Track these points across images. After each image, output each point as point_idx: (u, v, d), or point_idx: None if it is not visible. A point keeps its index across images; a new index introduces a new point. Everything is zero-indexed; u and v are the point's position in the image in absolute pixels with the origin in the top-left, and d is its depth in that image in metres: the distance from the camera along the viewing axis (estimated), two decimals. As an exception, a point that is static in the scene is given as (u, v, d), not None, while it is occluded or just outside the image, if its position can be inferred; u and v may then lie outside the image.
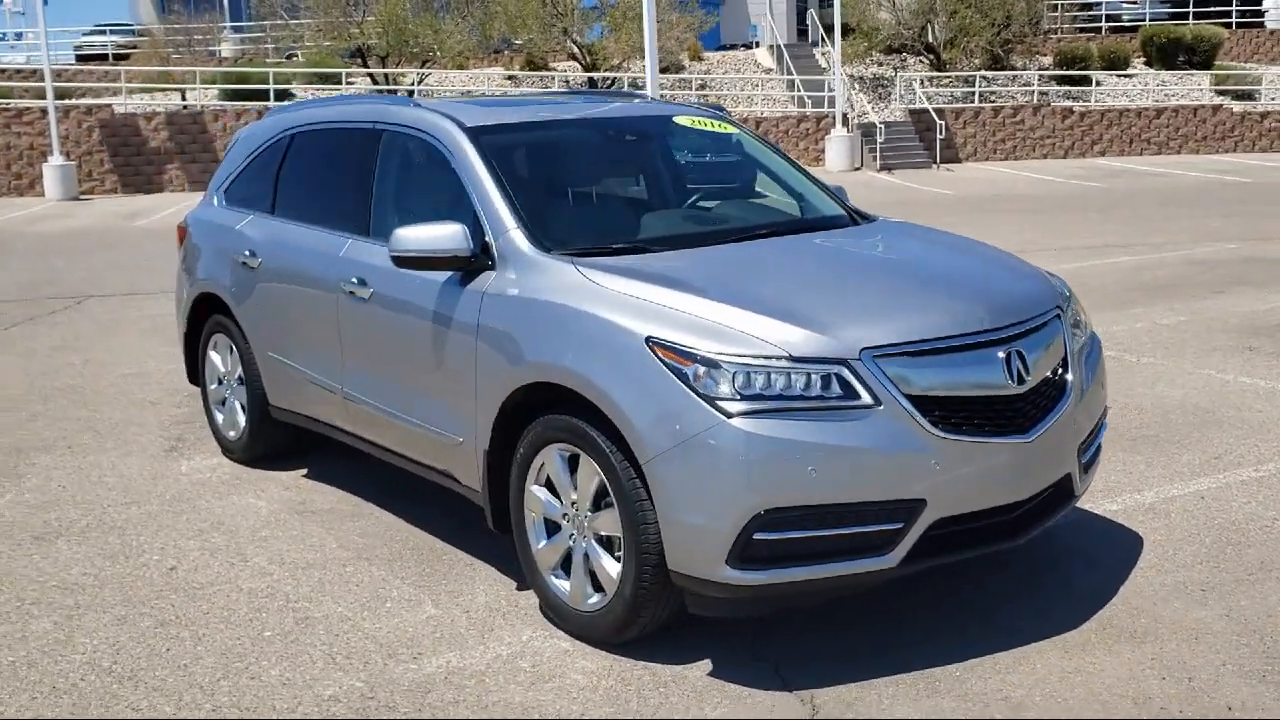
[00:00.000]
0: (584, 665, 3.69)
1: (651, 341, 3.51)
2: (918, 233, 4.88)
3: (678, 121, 5.18)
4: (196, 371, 6.22)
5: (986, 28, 29.64)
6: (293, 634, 3.97)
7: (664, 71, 23.34)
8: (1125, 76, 31.09)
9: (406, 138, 4.76)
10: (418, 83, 29.25)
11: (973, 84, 29.54)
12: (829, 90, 27.07)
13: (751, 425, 3.35)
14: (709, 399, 3.39)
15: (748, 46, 34.69)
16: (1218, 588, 4.13)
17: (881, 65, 31.25)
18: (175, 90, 28.20)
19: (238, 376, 5.78)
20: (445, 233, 4.06)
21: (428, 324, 4.30)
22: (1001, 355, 3.64)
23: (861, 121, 27.30)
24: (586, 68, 29.96)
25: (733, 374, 3.40)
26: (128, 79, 27.96)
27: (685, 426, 3.39)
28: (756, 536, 3.36)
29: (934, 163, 26.67)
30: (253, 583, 4.41)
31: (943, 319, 3.64)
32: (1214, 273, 10.95)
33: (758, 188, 5.12)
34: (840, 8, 26.22)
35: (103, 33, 38.69)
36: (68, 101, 25.40)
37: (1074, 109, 28.54)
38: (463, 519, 4.83)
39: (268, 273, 5.37)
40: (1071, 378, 3.92)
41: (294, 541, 4.82)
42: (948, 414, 3.51)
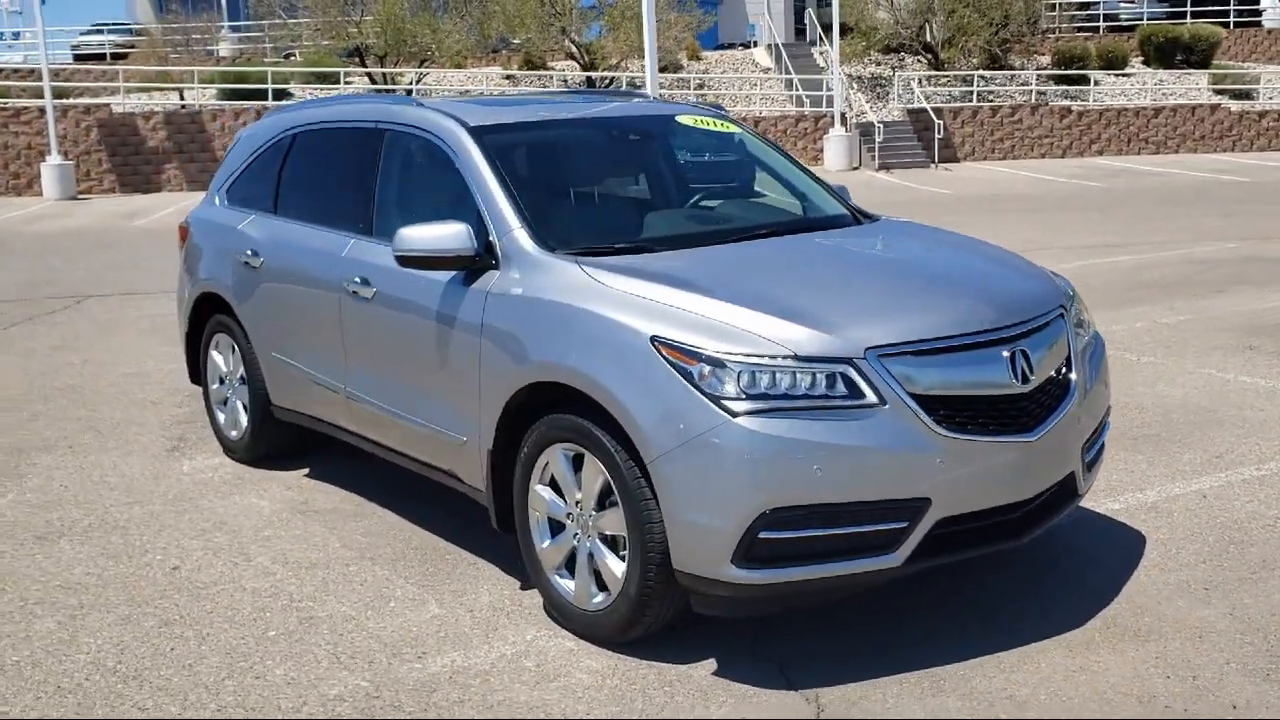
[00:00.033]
0: (589, 664, 3.69)
1: (657, 341, 3.51)
2: (921, 232, 4.88)
3: (680, 121, 5.18)
4: (198, 371, 6.21)
5: (984, 27, 29.67)
6: (297, 634, 3.97)
7: (662, 71, 23.31)
8: (1123, 76, 31.13)
9: (410, 137, 4.76)
10: (415, 82, 29.24)
11: (971, 83, 29.56)
12: (827, 90, 27.09)
13: (757, 424, 3.35)
14: (714, 398, 3.39)
15: (745, 46, 34.72)
16: (1221, 586, 4.13)
17: (879, 65, 31.27)
18: (173, 90, 28.19)
19: (240, 376, 5.78)
20: (449, 232, 4.06)
21: (431, 323, 4.30)
22: (1006, 354, 3.64)
23: (860, 121, 27.32)
24: (585, 67, 29.97)
25: (738, 373, 3.40)
26: (126, 78, 27.94)
27: (691, 426, 3.39)
28: (762, 535, 3.36)
29: (932, 162, 26.69)
30: (256, 582, 4.41)
31: (947, 318, 3.64)
32: (1214, 272, 10.96)
33: (760, 187, 5.12)
34: (838, 7, 26.22)
35: (100, 32, 38.67)
36: (66, 101, 25.38)
37: (1072, 108, 28.56)
38: (466, 518, 4.83)
39: (270, 272, 5.36)
40: (1075, 377, 3.93)
41: (297, 541, 4.82)
42: (952, 413, 3.51)
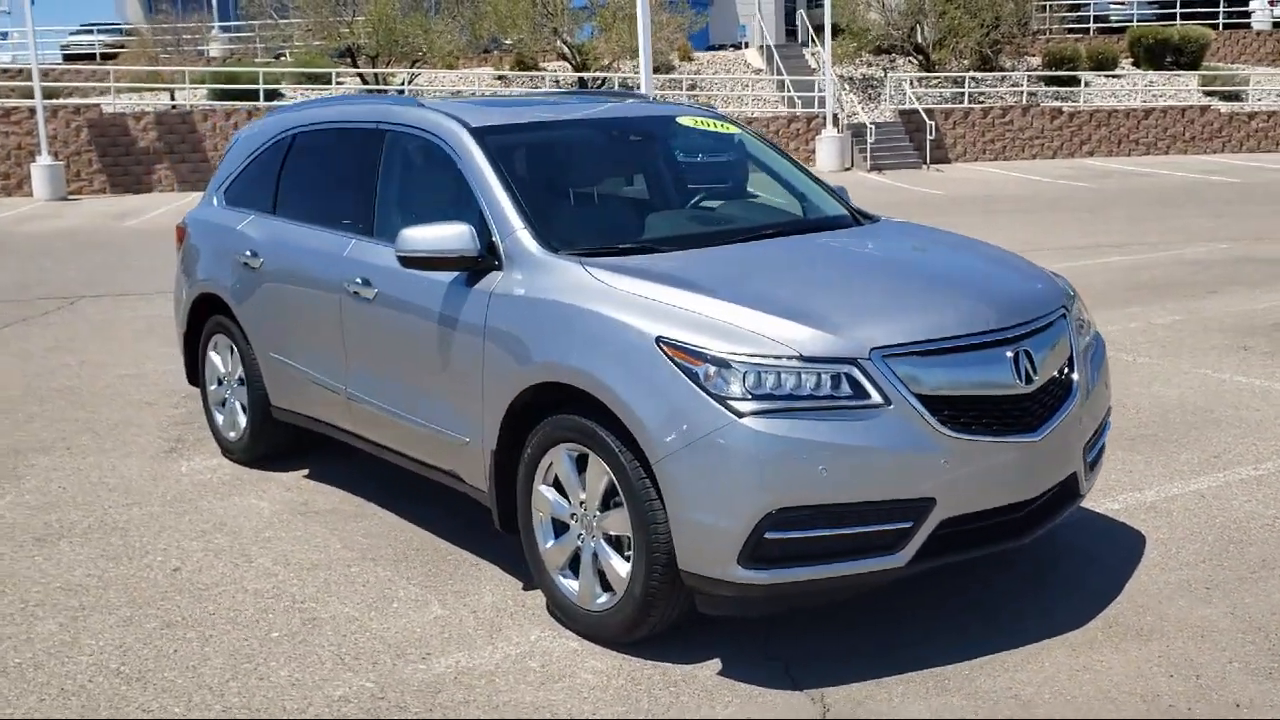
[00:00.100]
0: (593, 665, 3.70)
1: (662, 341, 3.51)
2: (922, 233, 4.90)
3: (681, 122, 5.19)
4: (196, 372, 6.19)
5: (975, 28, 29.73)
6: (300, 635, 3.97)
7: (654, 72, 23.32)
8: (1113, 77, 31.22)
9: (411, 138, 4.75)
10: (407, 83, 29.20)
11: (962, 84, 29.62)
12: (819, 90, 27.13)
13: (762, 425, 3.36)
14: (720, 399, 3.39)
15: (736, 47, 34.72)
16: (1221, 586, 4.15)
17: (871, 66, 31.31)
18: (164, 90, 28.10)
19: (238, 377, 5.77)
20: (452, 233, 4.06)
21: (433, 324, 4.29)
22: (1009, 355, 3.65)
23: (851, 122, 27.35)
24: (576, 68, 29.95)
25: (743, 374, 3.40)
26: (116, 79, 27.85)
27: (696, 426, 3.40)
28: (768, 536, 3.37)
29: (924, 163, 26.74)
30: (258, 583, 4.41)
31: (951, 319, 3.65)
32: (1207, 272, 11.01)
33: (760, 188, 5.12)
34: (830, 8, 26.27)
35: (90, 32, 38.48)
36: (56, 101, 25.28)
37: (1063, 109, 28.65)
38: (466, 519, 4.83)
39: (270, 273, 5.35)
40: (1077, 377, 3.94)
41: (298, 542, 4.81)
42: (956, 413, 3.52)
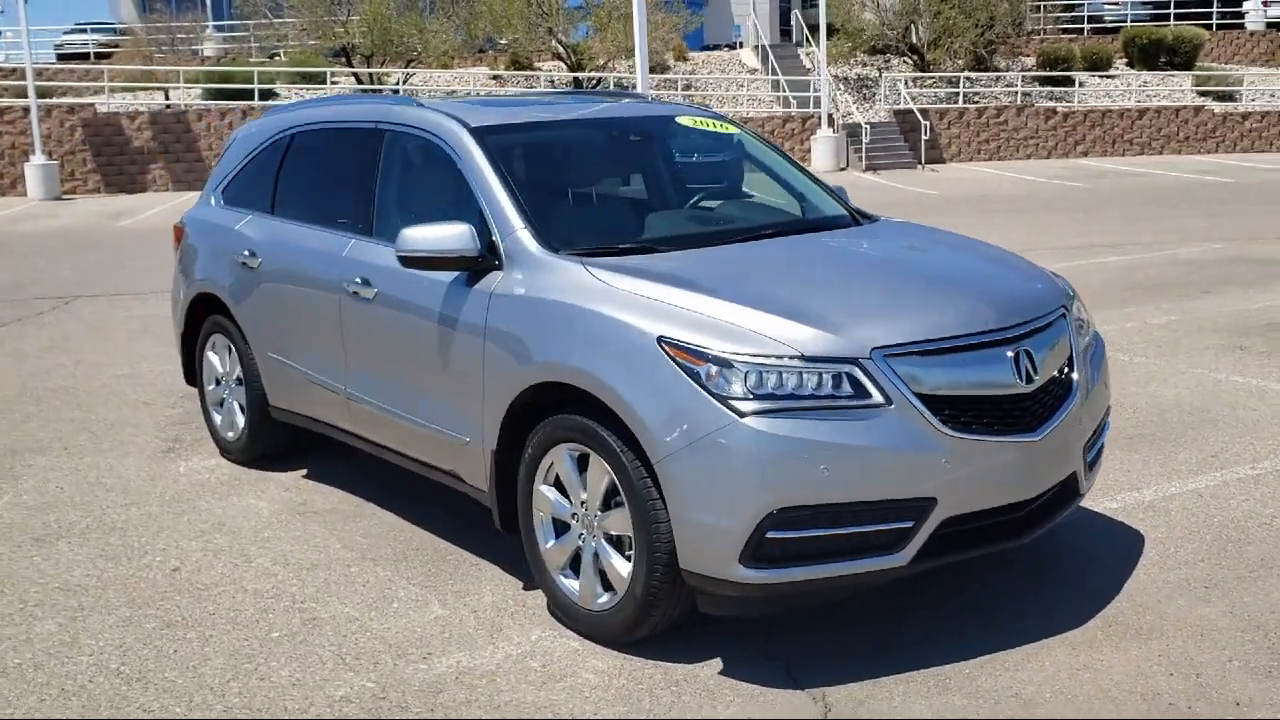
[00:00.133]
0: (595, 664, 3.70)
1: (664, 341, 3.52)
2: (921, 232, 4.90)
3: (680, 122, 5.19)
4: (193, 372, 6.18)
5: (970, 28, 29.76)
6: (300, 635, 3.96)
7: (650, 72, 23.33)
8: (1107, 77, 31.28)
9: (410, 138, 4.75)
10: (402, 82, 29.18)
11: (957, 84, 29.66)
12: (814, 90, 27.15)
13: (764, 424, 3.36)
14: (722, 398, 3.40)
15: (731, 47, 34.74)
16: (1220, 584, 4.16)
17: (866, 66, 31.34)
18: (158, 89, 28.05)
19: (236, 377, 5.76)
20: (452, 233, 4.06)
21: (434, 324, 4.29)
22: (1010, 354, 3.66)
23: (846, 122, 27.38)
24: (572, 67, 29.95)
25: (745, 373, 3.41)
26: (110, 78, 27.79)
27: (698, 426, 3.40)
28: (769, 535, 3.37)
29: (919, 163, 26.77)
30: (257, 584, 4.40)
31: (951, 319, 3.66)
32: (1202, 272, 11.03)
33: (760, 188, 5.13)
34: (825, 8, 26.28)
35: (84, 31, 38.42)
36: (50, 100, 25.22)
37: (1057, 109, 28.69)
38: (466, 519, 4.83)
39: (268, 273, 5.34)
40: (1077, 377, 3.95)
41: (297, 542, 4.81)
42: (957, 413, 3.53)
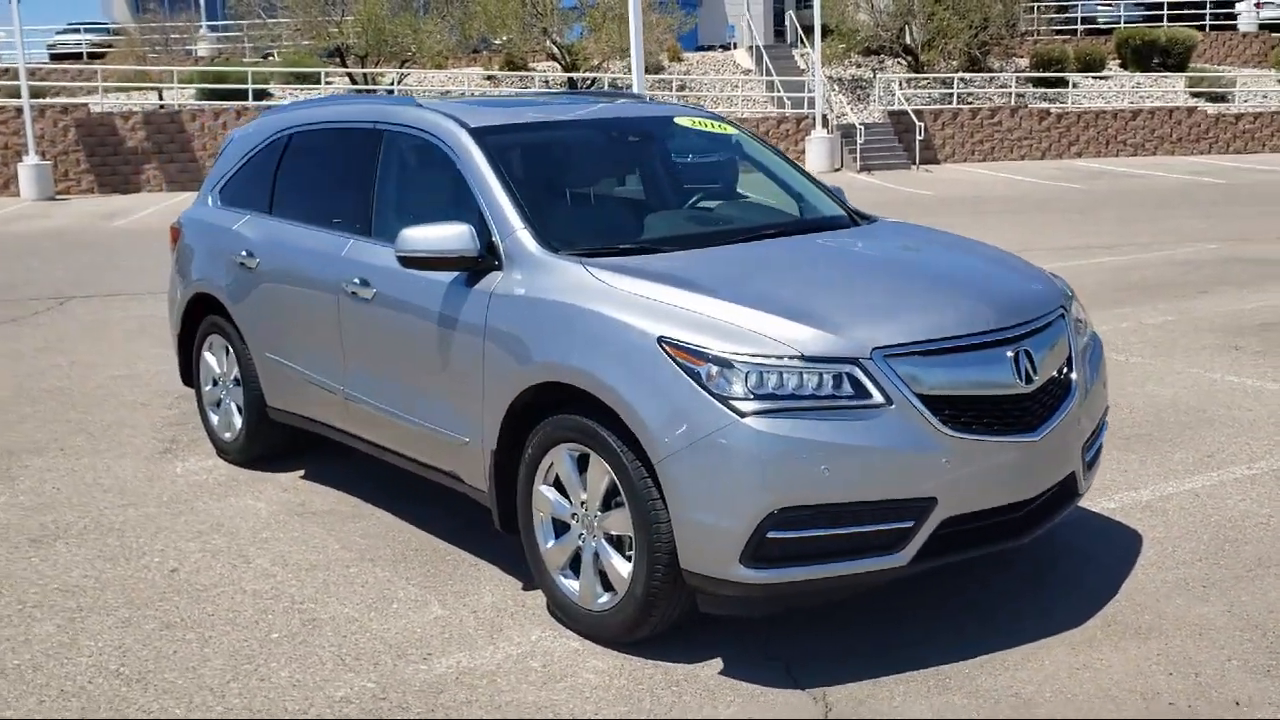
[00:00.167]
0: (595, 664, 3.70)
1: (664, 341, 3.52)
2: (919, 233, 4.91)
3: (679, 122, 5.19)
4: (190, 373, 6.17)
5: (964, 29, 29.82)
6: (300, 635, 3.96)
7: (645, 72, 23.34)
8: (1101, 78, 31.35)
9: (409, 138, 4.75)
10: (396, 82, 29.15)
11: (951, 85, 29.71)
12: (808, 91, 27.16)
13: (765, 425, 3.36)
14: (722, 398, 3.40)
15: (725, 48, 34.77)
16: (1218, 584, 4.17)
17: (860, 67, 31.39)
18: (152, 90, 28.00)
19: (234, 377, 5.75)
20: (452, 233, 4.06)
21: (433, 324, 4.29)
22: (1010, 355, 3.67)
23: (841, 123, 27.40)
24: (566, 68, 29.96)
25: (746, 373, 3.41)
26: (104, 78, 27.74)
27: (699, 426, 3.40)
28: (770, 535, 3.37)
29: (913, 164, 26.81)
30: (256, 584, 4.39)
31: (951, 319, 3.67)
32: (1197, 273, 11.06)
33: (758, 188, 5.13)
34: (819, 9, 26.30)
35: (77, 31, 38.34)
36: (43, 100, 25.17)
37: (1051, 110, 28.75)
38: (464, 519, 4.82)
39: (266, 273, 5.33)
40: (1076, 377, 3.96)
41: (295, 543, 4.80)
42: (958, 413, 3.53)
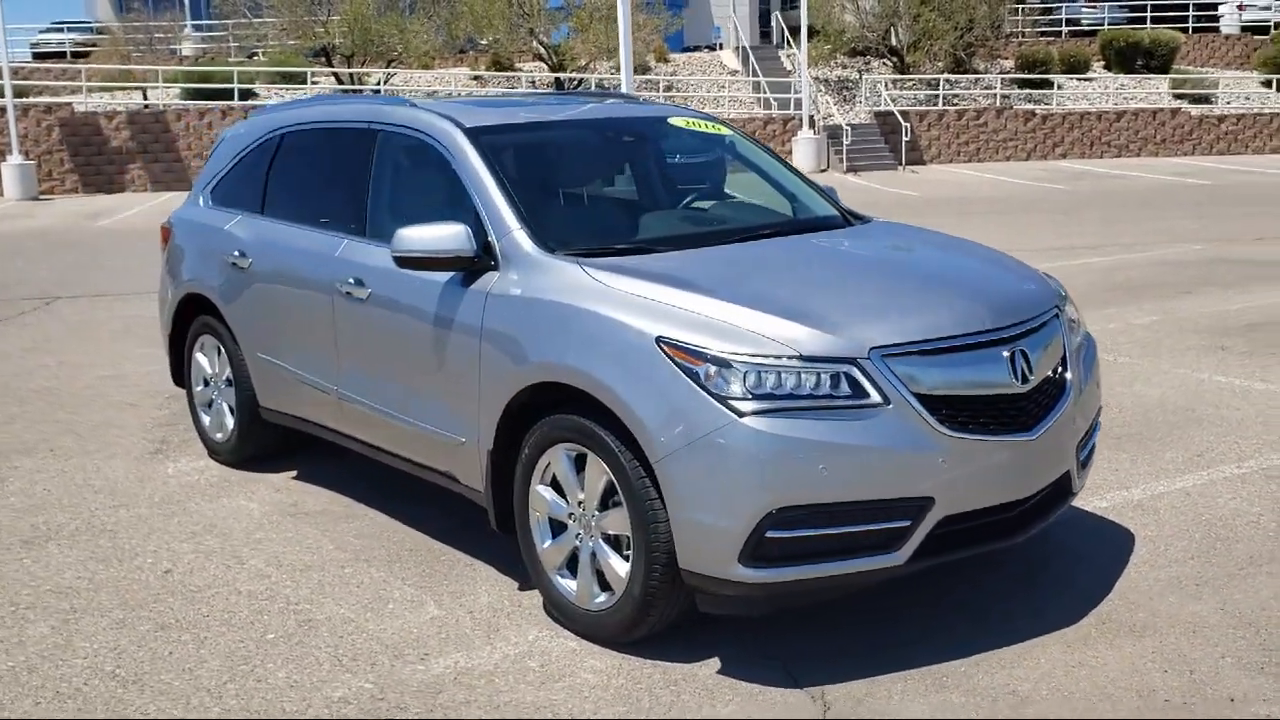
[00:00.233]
0: (593, 664, 3.70)
1: (662, 341, 3.52)
2: (914, 233, 4.92)
3: (673, 123, 5.20)
4: (181, 373, 6.15)
5: (949, 31, 29.93)
6: (296, 636, 3.95)
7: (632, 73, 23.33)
8: (1085, 80, 31.50)
9: (403, 138, 4.74)
10: (383, 82, 29.09)
11: (936, 87, 29.81)
12: (795, 92, 27.22)
13: (763, 424, 3.37)
14: (720, 398, 3.40)
15: (711, 48, 34.80)
16: (1211, 582, 4.20)
17: (846, 68, 31.47)
18: (136, 89, 27.87)
19: (226, 378, 5.73)
20: (448, 233, 4.05)
21: (429, 325, 4.28)
22: (1006, 354, 3.68)
23: (827, 124, 27.47)
24: (553, 68, 29.95)
25: (744, 373, 3.42)
26: (88, 77, 27.59)
27: (697, 426, 3.41)
28: (768, 535, 3.38)
29: (899, 164, 26.90)
30: (251, 585, 4.38)
31: (948, 319, 3.68)
32: (1183, 273, 11.12)
33: (752, 189, 5.14)
34: (805, 10, 26.35)
35: (60, 30, 38.11)
36: (26, 100, 25.02)
37: (1036, 112, 28.88)
38: (460, 519, 4.82)
39: (259, 273, 5.32)
40: (1071, 376, 3.98)
41: (289, 543, 4.79)
42: (955, 413, 3.55)
